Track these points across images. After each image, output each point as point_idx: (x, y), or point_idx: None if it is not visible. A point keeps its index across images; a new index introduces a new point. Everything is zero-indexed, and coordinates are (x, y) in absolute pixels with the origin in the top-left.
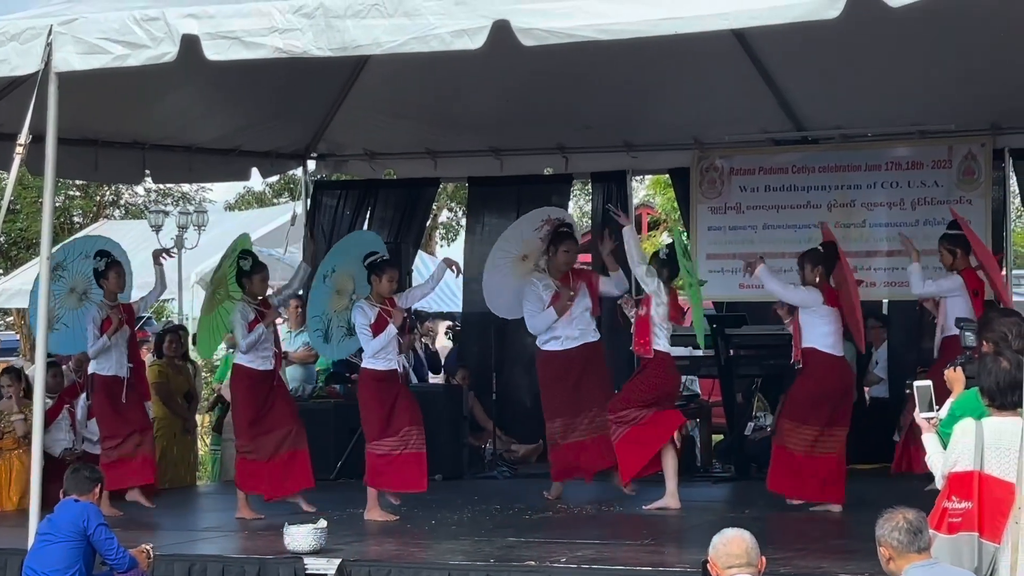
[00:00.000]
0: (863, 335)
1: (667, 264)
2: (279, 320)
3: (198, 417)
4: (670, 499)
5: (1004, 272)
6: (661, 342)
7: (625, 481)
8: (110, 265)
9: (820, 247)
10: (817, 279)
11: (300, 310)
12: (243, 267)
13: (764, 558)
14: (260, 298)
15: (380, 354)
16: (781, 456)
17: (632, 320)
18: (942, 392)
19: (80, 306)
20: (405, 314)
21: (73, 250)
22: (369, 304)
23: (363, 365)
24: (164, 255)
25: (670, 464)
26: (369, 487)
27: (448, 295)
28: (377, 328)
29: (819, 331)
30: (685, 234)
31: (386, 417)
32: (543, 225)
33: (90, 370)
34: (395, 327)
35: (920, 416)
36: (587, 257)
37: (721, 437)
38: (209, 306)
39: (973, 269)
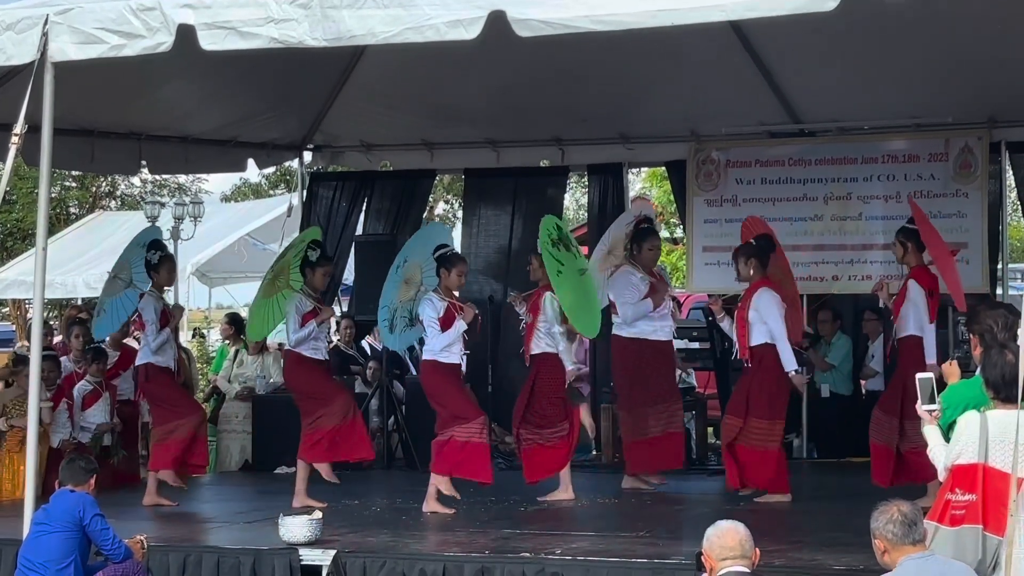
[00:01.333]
0: (802, 326)
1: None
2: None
3: None
4: (563, 492)
5: (1000, 266)
6: (543, 343)
7: (531, 480)
8: (163, 259)
9: (753, 240)
10: (752, 272)
11: None
12: (309, 257)
13: (758, 550)
14: (320, 291)
15: (447, 348)
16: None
17: (522, 319)
18: (912, 393)
19: (121, 293)
20: (476, 311)
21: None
22: (439, 297)
23: (426, 358)
24: None
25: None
26: (434, 474)
27: None
28: (446, 322)
29: (759, 328)
30: (557, 225)
31: (468, 400)
32: (634, 221)
33: (141, 359)
34: (464, 323)
35: (922, 408)
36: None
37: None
38: (268, 291)
39: (926, 266)
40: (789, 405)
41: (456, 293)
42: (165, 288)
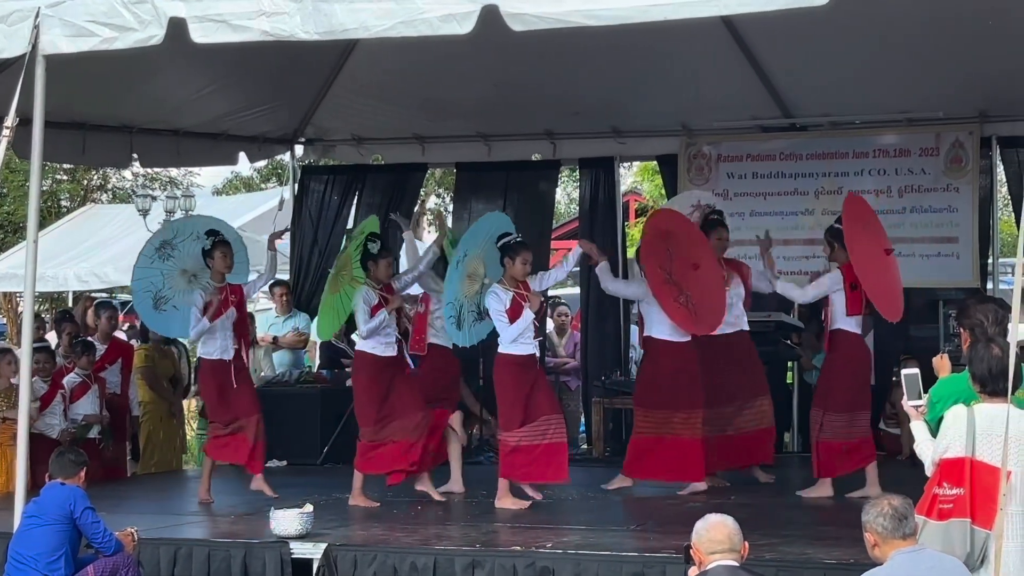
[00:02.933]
0: (683, 319)
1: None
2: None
3: (184, 402)
4: (455, 484)
5: (991, 260)
6: (439, 336)
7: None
8: (216, 244)
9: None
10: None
11: (285, 298)
12: (370, 249)
13: (747, 544)
14: (384, 283)
15: (518, 339)
16: (632, 442)
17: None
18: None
19: (189, 287)
20: (542, 297)
21: (184, 230)
22: (503, 288)
23: (500, 350)
24: (278, 238)
25: (455, 452)
26: (501, 478)
27: None
28: (513, 313)
29: (654, 319)
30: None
31: (524, 405)
32: (693, 211)
33: (198, 353)
34: (532, 311)
35: (908, 404)
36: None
37: None
38: (333, 287)
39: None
40: (777, 399)
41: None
42: (224, 274)
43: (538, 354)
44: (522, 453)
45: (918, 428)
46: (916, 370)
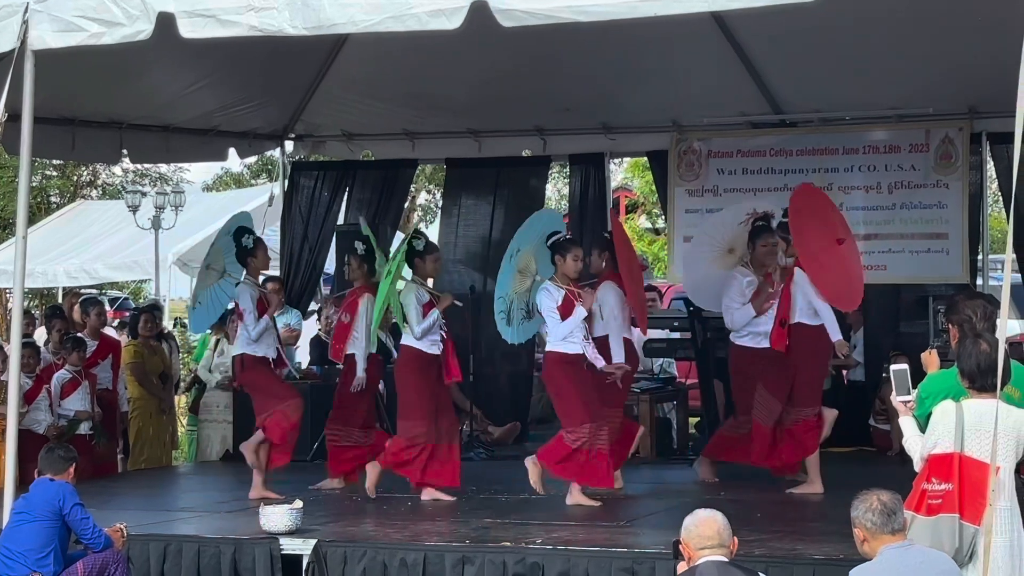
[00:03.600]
0: (644, 319)
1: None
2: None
3: (176, 398)
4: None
5: (980, 256)
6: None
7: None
8: (257, 242)
9: (607, 234)
10: (604, 264)
11: (279, 294)
12: (415, 246)
13: (736, 539)
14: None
15: (568, 337)
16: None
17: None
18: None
19: (215, 284)
20: (596, 295)
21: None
22: (555, 285)
23: (549, 348)
24: None
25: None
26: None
27: None
28: (565, 310)
29: (598, 322)
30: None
31: (586, 402)
32: (748, 219)
33: (237, 349)
34: (584, 310)
35: (897, 399)
36: None
37: (698, 420)
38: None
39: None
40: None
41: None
42: (261, 272)
43: (587, 355)
44: (581, 454)
45: (907, 424)
46: (905, 366)
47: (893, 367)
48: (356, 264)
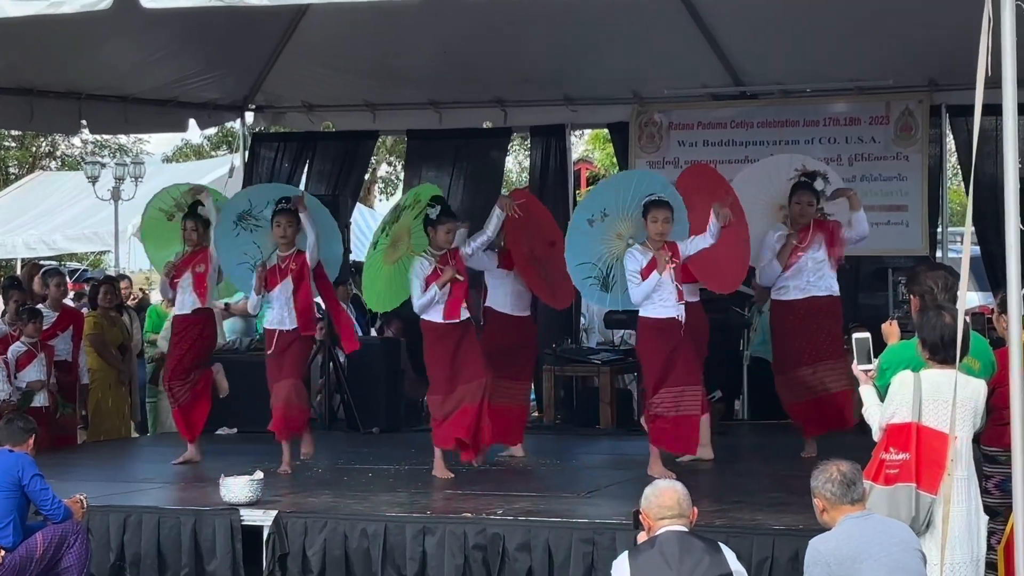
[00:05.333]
0: (546, 295)
1: None
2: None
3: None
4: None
5: (940, 229)
6: None
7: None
8: (275, 214)
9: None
10: (503, 243)
11: None
12: (429, 215)
13: (696, 509)
14: (445, 250)
15: (656, 301)
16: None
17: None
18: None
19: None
20: (671, 262)
21: (258, 198)
22: (642, 249)
23: (640, 314)
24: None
25: None
26: (652, 446)
27: None
28: (645, 273)
29: (495, 292)
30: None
31: (662, 368)
32: (796, 175)
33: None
34: (659, 273)
35: (858, 368)
36: None
37: None
38: (390, 256)
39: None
40: (729, 367)
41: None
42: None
43: (681, 319)
44: (662, 420)
45: (867, 393)
46: (867, 334)
47: (855, 335)
48: (193, 226)
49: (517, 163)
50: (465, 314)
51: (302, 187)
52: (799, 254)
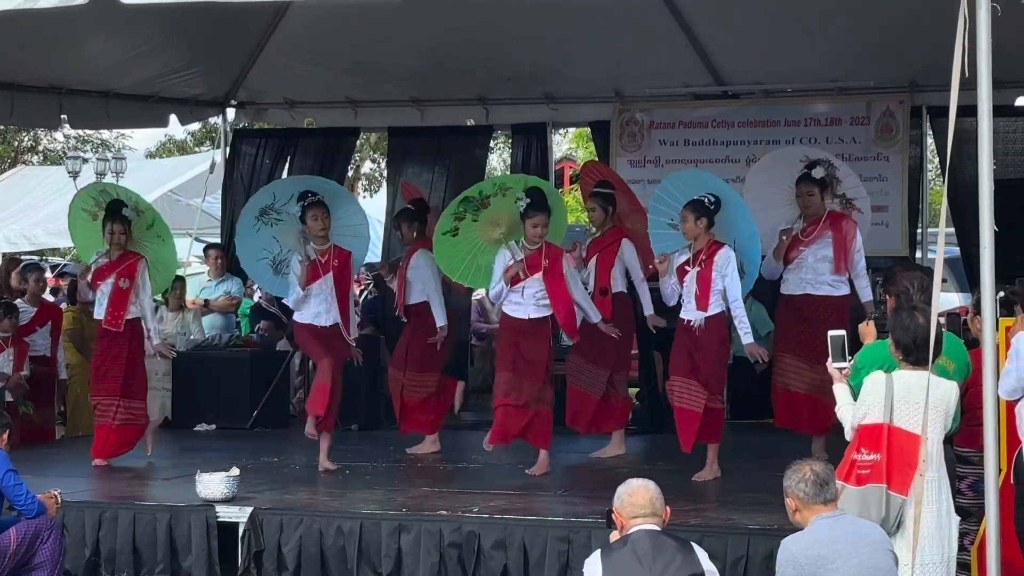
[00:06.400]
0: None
1: None
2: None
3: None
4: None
5: (920, 230)
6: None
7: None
8: (306, 208)
9: (411, 205)
10: (414, 235)
11: (219, 261)
12: (518, 207)
13: (669, 508)
14: (538, 245)
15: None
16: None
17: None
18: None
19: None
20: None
21: (282, 192)
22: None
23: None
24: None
25: None
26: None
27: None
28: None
29: (415, 288)
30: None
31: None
32: (801, 165)
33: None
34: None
35: (832, 366)
36: None
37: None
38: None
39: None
40: None
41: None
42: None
43: (690, 319)
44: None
45: (840, 391)
46: (842, 332)
47: (831, 333)
48: (121, 229)
49: (501, 161)
50: (534, 312)
51: None
52: (800, 248)
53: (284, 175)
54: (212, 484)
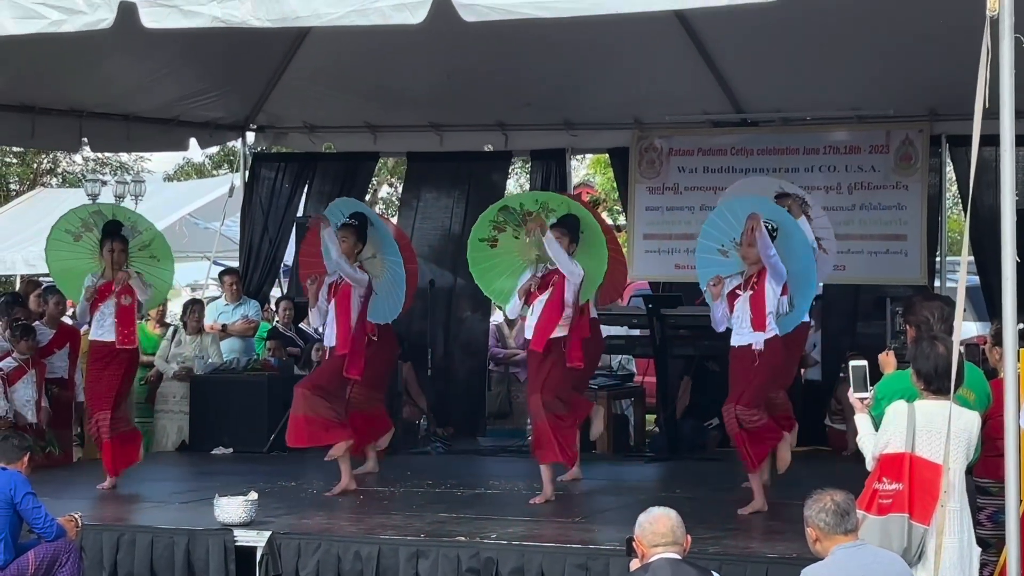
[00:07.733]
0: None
1: None
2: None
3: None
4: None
5: (939, 259)
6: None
7: None
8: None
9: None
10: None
11: (234, 286)
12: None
13: (690, 537)
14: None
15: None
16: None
17: None
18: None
19: (386, 269)
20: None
21: (336, 213)
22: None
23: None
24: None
25: None
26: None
27: None
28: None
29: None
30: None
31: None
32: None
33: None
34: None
35: (853, 396)
36: None
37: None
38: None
39: None
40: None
41: None
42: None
43: (749, 343)
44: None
45: (862, 421)
46: (864, 362)
47: (852, 363)
48: (121, 247)
49: (519, 186)
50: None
51: (301, 208)
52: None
53: (303, 199)
54: (230, 508)
